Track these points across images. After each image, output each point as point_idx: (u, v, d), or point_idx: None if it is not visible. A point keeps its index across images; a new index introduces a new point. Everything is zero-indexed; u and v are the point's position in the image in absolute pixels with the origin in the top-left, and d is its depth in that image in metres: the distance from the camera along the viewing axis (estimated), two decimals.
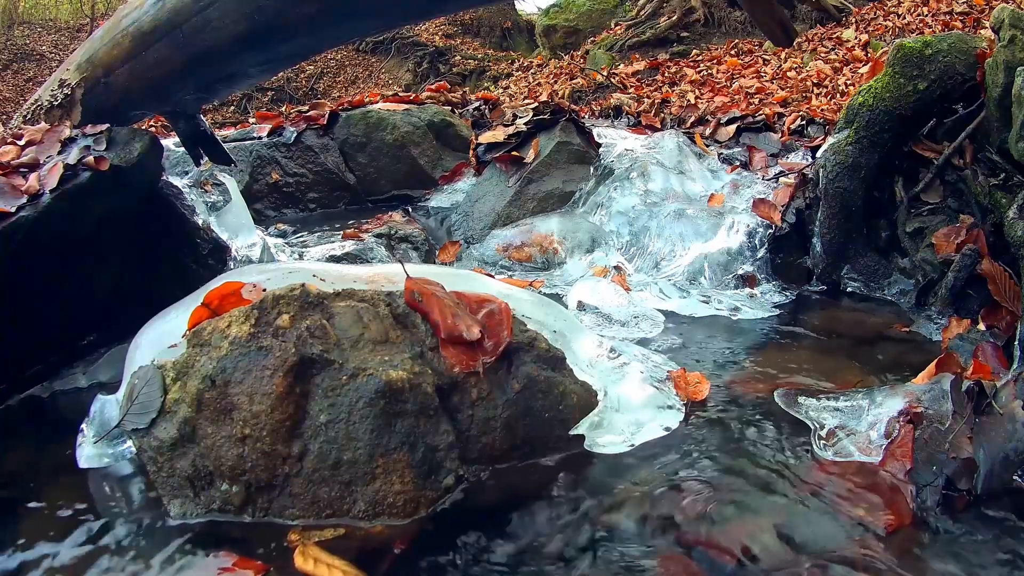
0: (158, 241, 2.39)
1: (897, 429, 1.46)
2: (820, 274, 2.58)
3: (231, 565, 1.23)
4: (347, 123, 3.87)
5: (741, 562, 1.20)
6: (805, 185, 2.71)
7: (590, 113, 4.77)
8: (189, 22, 2.46)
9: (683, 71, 7.01)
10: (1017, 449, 1.33)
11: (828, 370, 1.90)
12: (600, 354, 1.75)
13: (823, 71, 5.71)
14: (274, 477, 1.34)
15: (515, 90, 8.92)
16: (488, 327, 1.53)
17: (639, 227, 2.93)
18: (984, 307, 2.05)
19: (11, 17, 15.06)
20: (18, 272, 1.90)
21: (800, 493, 1.37)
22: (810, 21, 7.68)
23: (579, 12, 10.61)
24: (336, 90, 12.91)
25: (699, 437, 1.57)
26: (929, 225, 2.38)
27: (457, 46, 12.99)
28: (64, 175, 1.97)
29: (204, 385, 1.36)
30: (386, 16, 2.60)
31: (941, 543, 1.24)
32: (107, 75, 2.66)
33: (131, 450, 1.51)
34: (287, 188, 3.70)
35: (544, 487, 1.42)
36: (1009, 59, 2.13)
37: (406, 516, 1.34)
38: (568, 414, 1.55)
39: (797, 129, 3.58)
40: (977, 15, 6.08)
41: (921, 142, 2.47)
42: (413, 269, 1.64)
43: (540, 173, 3.27)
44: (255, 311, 1.41)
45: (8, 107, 12.25)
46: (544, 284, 2.70)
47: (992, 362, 1.69)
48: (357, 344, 1.42)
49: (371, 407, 1.34)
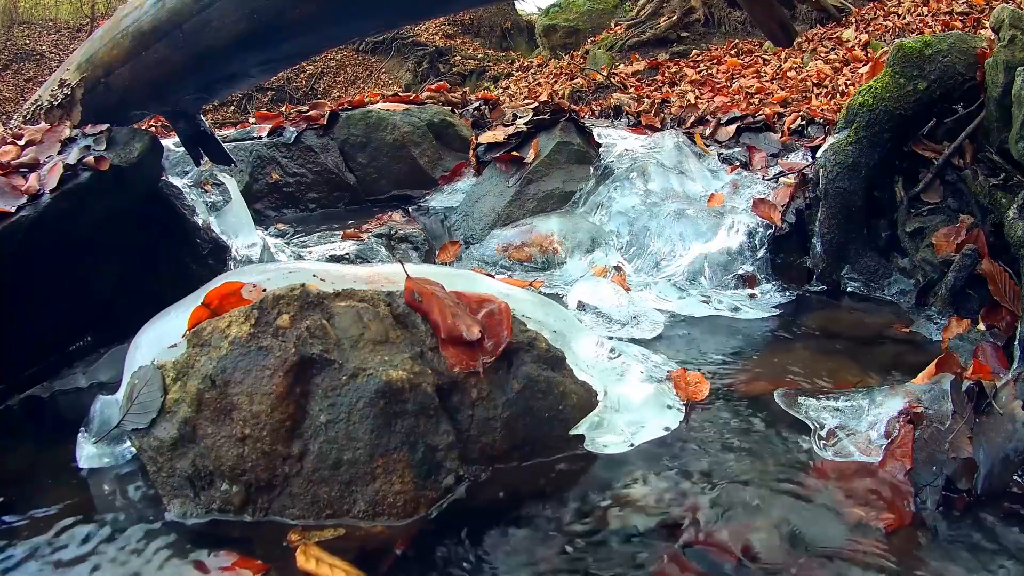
0: (158, 241, 2.39)
1: (897, 429, 1.46)
2: (820, 274, 2.58)
3: (231, 565, 1.23)
4: (347, 123, 3.87)
5: (741, 562, 1.20)
6: (805, 185, 2.71)
7: (590, 113, 4.77)
8: (189, 22, 2.46)
9: (683, 71, 7.01)
10: (1017, 449, 1.33)
11: (828, 370, 1.90)
12: (600, 354, 1.75)
13: (823, 71, 5.71)
14: (274, 477, 1.34)
15: (515, 90, 8.92)
16: (488, 327, 1.53)
17: (639, 227, 2.93)
18: (984, 307, 2.05)
19: (11, 17, 15.07)
20: (18, 272, 1.90)
21: (800, 493, 1.37)
22: (810, 21, 7.68)
23: (579, 12, 10.61)
24: (336, 90, 12.92)
25: (699, 437, 1.57)
26: (929, 225, 2.38)
27: (457, 46, 12.99)
28: (64, 175, 1.97)
29: (204, 385, 1.36)
30: (386, 16, 2.60)
31: (941, 543, 1.24)
32: (107, 75, 2.66)
33: (131, 450, 1.51)
34: (287, 188, 3.70)
35: (544, 487, 1.43)
36: (1009, 59, 2.13)
37: (406, 516, 1.34)
38: (568, 414, 1.55)
39: (797, 129, 3.58)
40: (977, 15, 6.08)
41: (921, 142, 2.47)
42: (413, 269, 1.64)
43: (540, 173, 3.27)
44: (255, 311, 1.41)
45: (8, 107, 12.25)
46: (544, 284, 2.70)
47: (992, 362, 1.69)
48: (357, 344, 1.42)
49: (371, 407, 1.34)
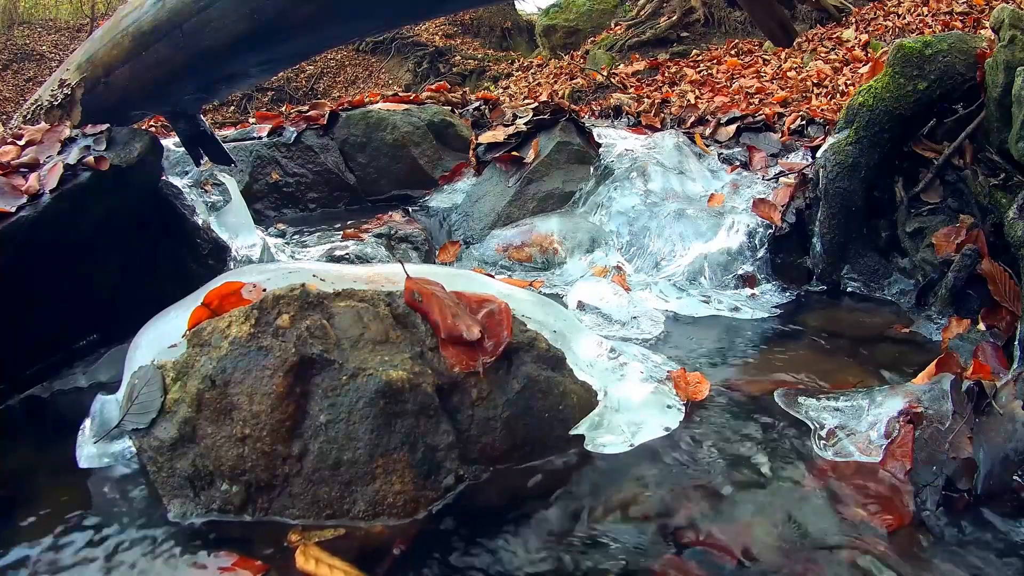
0: (158, 241, 2.39)
1: (897, 429, 1.46)
2: (820, 274, 2.58)
3: (231, 565, 1.23)
4: (347, 123, 3.87)
5: (741, 562, 1.20)
6: (805, 185, 2.71)
7: (590, 113, 4.77)
8: (189, 22, 2.46)
9: (683, 71, 7.01)
10: (1017, 449, 1.33)
11: (828, 370, 1.90)
12: (600, 354, 1.75)
13: (823, 71, 5.71)
14: (274, 477, 1.34)
15: (515, 90, 8.92)
16: (488, 327, 1.53)
17: (639, 227, 2.93)
18: (984, 307, 2.05)
19: (11, 17, 15.08)
20: (18, 272, 1.90)
21: (800, 493, 1.37)
22: (810, 21, 7.68)
23: (579, 12, 10.61)
24: (336, 90, 12.92)
25: (699, 437, 1.57)
26: (929, 225, 2.38)
27: (457, 46, 12.99)
28: (64, 175, 1.97)
29: (204, 385, 1.36)
30: (386, 16, 2.60)
31: (941, 543, 1.24)
32: (107, 75, 2.66)
33: (131, 450, 1.51)
34: (287, 188, 3.70)
35: (544, 487, 1.42)
36: (1009, 59, 2.13)
37: (406, 516, 1.34)
38: (568, 414, 1.55)
39: (797, 129, 3.58)
40: (977, 15, 6.08)
41: (921, 142, 2.47)
42: (413, 269, 1.64)
43: (540, 173, 3.27)
44: (255, 311, 1.41)
45: (8, 107, 12.26)
46: (544, 284, 2.70)
47: (992, 362, 1.69)
48: (357, 344, 1.42)
49: (371, 407, 1.34)
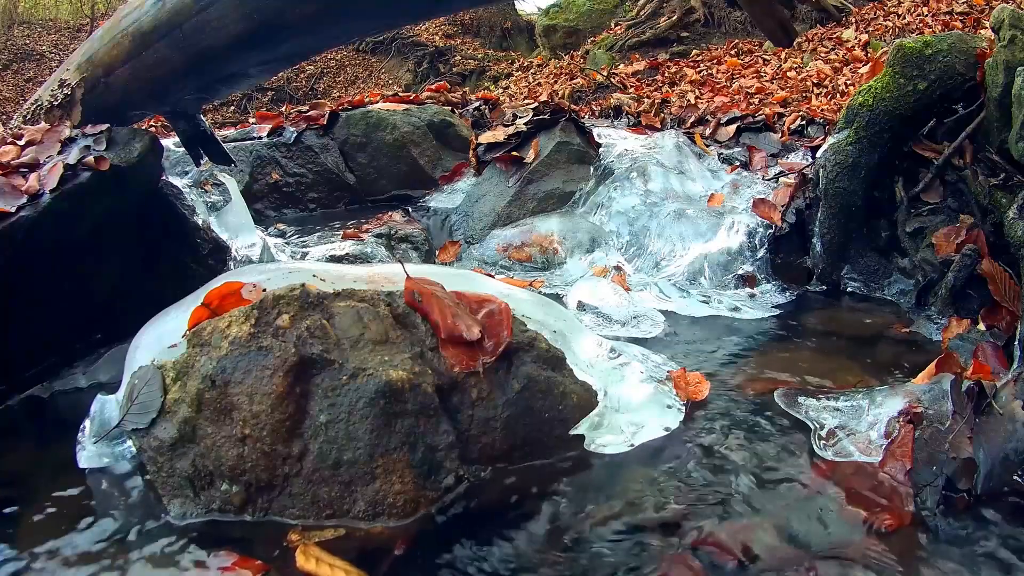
0: (158, 241, 2.39)
1: (897, 429, 1.46)
2: (820, 274, 2.58)
3: (231, 565, 1.23)
4: (347, 123, 3.87)
5: (742, 562, 1.20)
6: (805, 185, 2.71)
7: (590, 113, 4.77)
8: (189, 22, 2.46)
9: (683, 71, 7.00)
10: (1017, 449, 1.33)
11: (828, 370, 1.90)
12: (600, 354, 1.75)
13: (823, 71, 5.70)
14: (274, 477, 1.34)
15: (515, 90, 8.91)
16: (488, 327, 1.53)
17: (639, 227, 2.93)
18: (984, 307, 2.05)
19: (11, 17, 15.07)
20: (18, 272, 1.90)
21: (800, 493, 1.37)
22: (810, 21, 7.68)
23: (579, 12, 10.61)
24: (336, 90, 12.92)
25: (699, 437, 1.57)
26: (929, 225, 2.38)
27: (457, 46, 12.99)
28: (64, 175, 1.97)
29: (204, 385, 1.36)
30: (386, 16, 2.60)
31: (941, 543, 1.24)
32: (107, 75, 2.66)
33: (131, 450, 1.51)
34: (287, 188, 3.70)
35: (544, 487, 1.42)
36: (1009, 59, 2.13)
37: (406, 516, 1.34)
38: (568, 414, 1.55)
39: (797, 129, 3.58)
40: (977, 15, 6.08)
41: (921, 142, 2.47)
42: (413, 269, 1.64)
43: (540, 173, 3.27)
44: (255, 311, 1.41)
45: (8, 107, 12.25)
46: (544, 284, 2.70)
47: (992, 362, 1.69)
48: (357, 344, 1.42)
49: (371, 407, 1.34)
